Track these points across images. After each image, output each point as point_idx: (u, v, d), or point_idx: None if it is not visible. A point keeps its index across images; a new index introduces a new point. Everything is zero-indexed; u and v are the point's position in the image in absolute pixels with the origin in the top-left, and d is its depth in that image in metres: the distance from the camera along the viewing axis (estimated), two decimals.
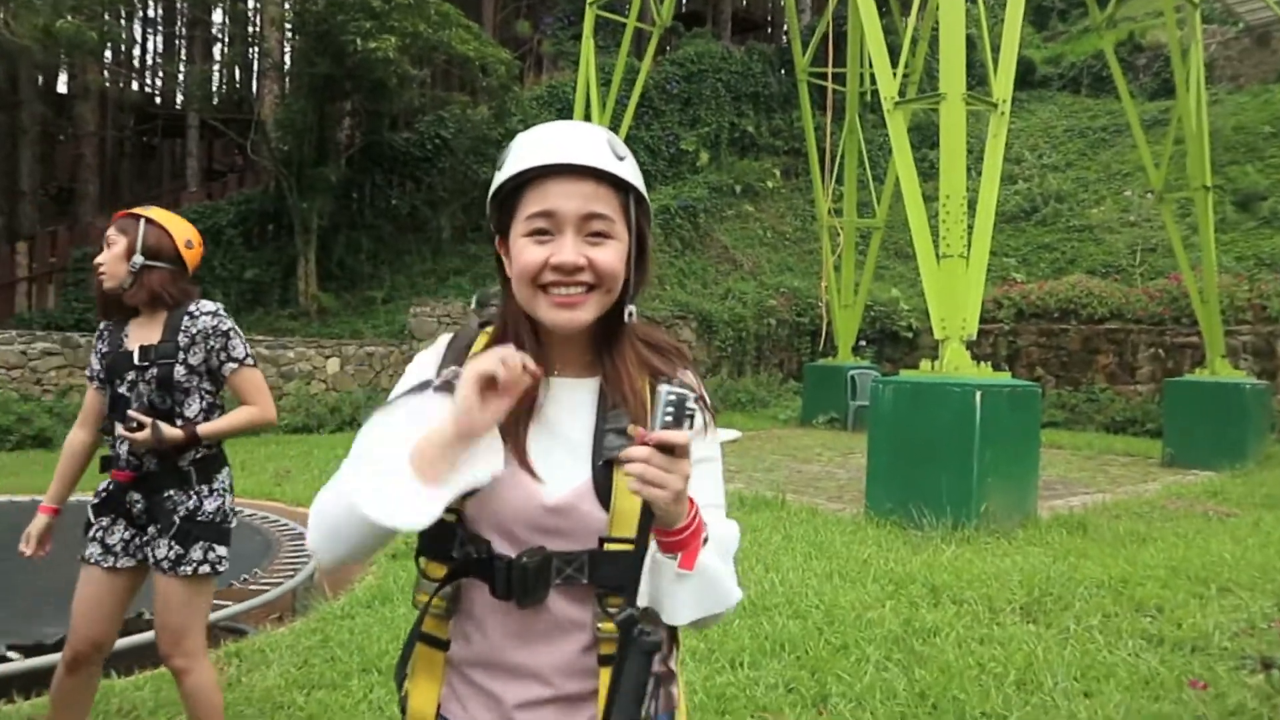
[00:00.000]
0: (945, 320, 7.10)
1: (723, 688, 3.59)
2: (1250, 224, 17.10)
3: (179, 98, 22.45)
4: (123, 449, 2.72)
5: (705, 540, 1.16)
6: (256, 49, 20.29)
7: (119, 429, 2.67)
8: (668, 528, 1.13)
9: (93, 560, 2.72)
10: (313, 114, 15.40)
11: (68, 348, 11.62)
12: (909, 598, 4.84)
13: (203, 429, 2.70)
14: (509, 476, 1.19)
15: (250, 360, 2.78)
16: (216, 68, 23.67)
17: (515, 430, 1.22)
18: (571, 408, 1.25)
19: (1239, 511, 7.63)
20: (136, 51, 24.91)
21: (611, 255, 1.20)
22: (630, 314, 1.26)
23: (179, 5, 23.56)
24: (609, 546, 1.19)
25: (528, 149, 1.21)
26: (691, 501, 1.14)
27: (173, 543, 2.68)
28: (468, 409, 1.09)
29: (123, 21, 18.52)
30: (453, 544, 1.20)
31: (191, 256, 2.84)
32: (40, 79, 20.29)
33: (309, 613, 4.75)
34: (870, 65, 11.39)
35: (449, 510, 1.15)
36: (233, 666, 3.85)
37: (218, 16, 20.32)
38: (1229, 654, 4.04)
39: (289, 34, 17.71)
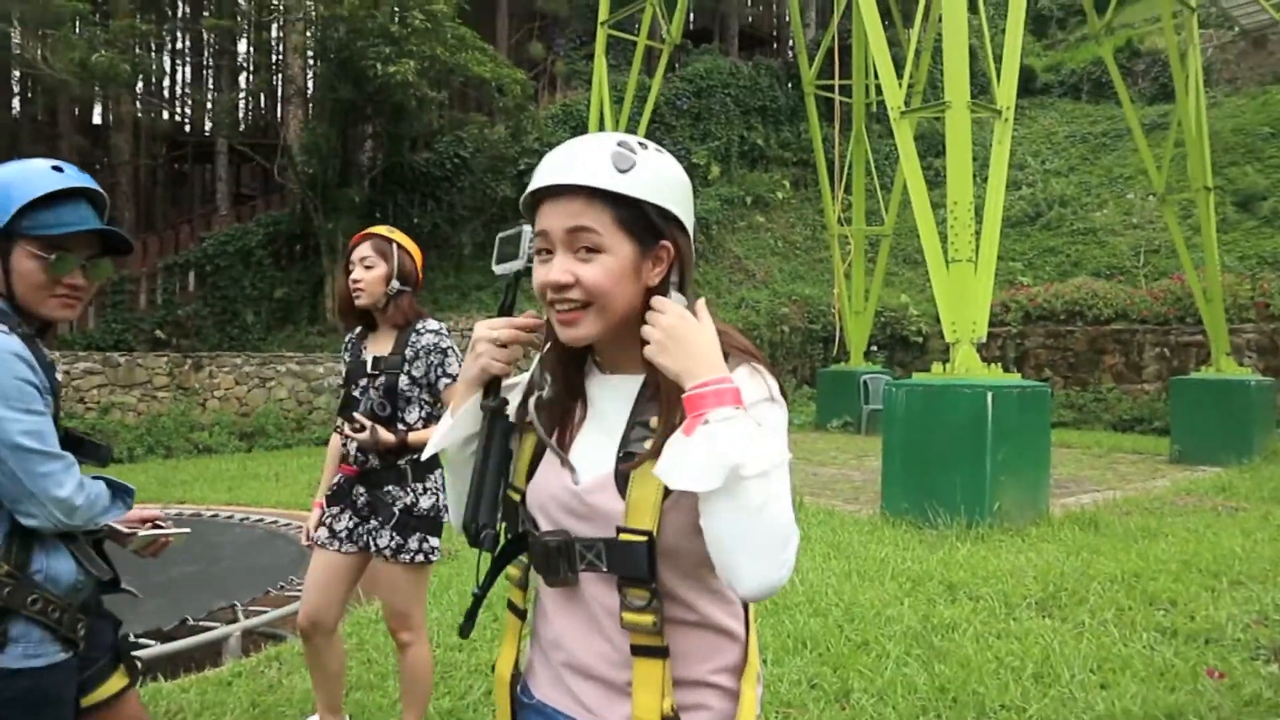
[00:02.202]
0: (955, 323, 7.08)
1: None
2: (1251, 223, 16.96)
3: (208, 125, 22.66)
4: (351, 446, 2.95)
5: (717, 421, 1.08)
6: (281, 76, 20.47)
7: (346, 428, 2.90)
8: (682, 390, 1.12)
9: (320, 543, 2.98)
10: (336, 138, 15.54)
11: (108, 366, 11.76)
12: (926, 595, 4.83)
13: (412, 437, 2.88)
14: (552, 460, 1.25)
15: None
16: (243, 96, 23.88)
17: (567, 419, 1.27)
18: (617, 402, 1.27)
19: (1247, 506, 7.55)
20: (167, 82, 25.18)
21: (597, 271, 1.17)
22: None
23: (206, 37, 23.82)
24: (623, 536, 1.18)
25: (538, 171, 1.22)
26: (713, 393, 1.10)
27: (393, 533, 2.89)
28: (491, 356, 1.27)
29: (153, 54, 18.74)
30: (518, 521, 1.29)
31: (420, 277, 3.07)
32: (77, 111, 20.55)
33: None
34: (875, 77, 11.41)
35: (514, 489, 1.29)
36: (272, 669, 3.88)
37: (243, 46, 20.53)
38: (1243, 645, 4.01)
39: (311, 61, 17.86)
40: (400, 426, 2.90)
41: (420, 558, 2.92)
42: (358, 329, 3.08)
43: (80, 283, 1.86)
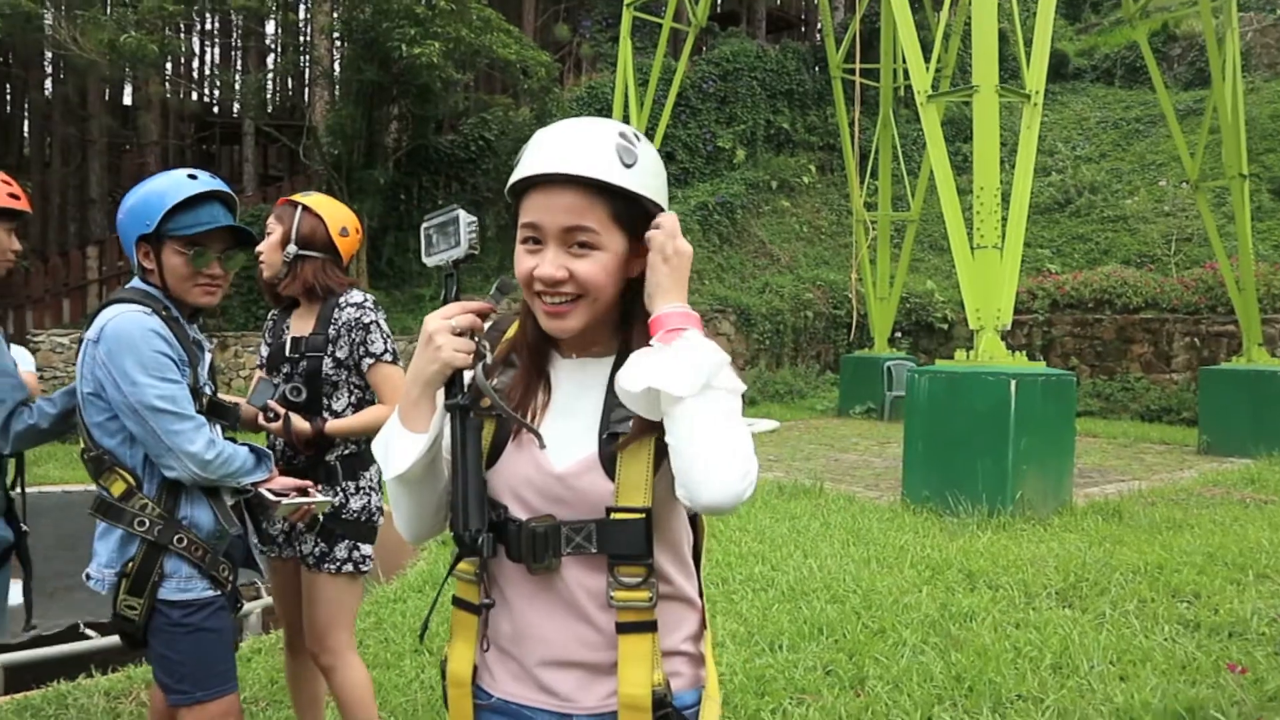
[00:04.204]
0: (980, 311, 7.02)
1: (762, 669, 3.59)
2: None
3: (235, 106, 22.79)
4: (279, 442, 2.62)
5: (696, 337, 1.14)
6: (307, 58, 20.53)
7: (260, 419, 2.57)
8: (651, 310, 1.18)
9: (260, 551, 2.62)
10: (361, 119, 15.57)
11: None
12: (945, 583, 4.81)
13: (330, 426, 2.55)
14: (521, 445, 1.24)
15: (389, 356, 2.61)
16: (270, 77, 23.93)
17: (528, 403, 1.26)
18: (585, 385, 1.27)
19: (1276, 499, 7.44)
20: (195, 63, 25.35)
21: (593, 267, 1.18)
22: None
23: (234, 18, 23.92)
24: (616, 515, 1.19)
25: (530, 153, 1.20)
26: (691, 315, 1.16)
27: (318, 540, 2.59)
28: (454, 348, 1.17)
29: (182, 35, 18.86)
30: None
31: (346, 244, 2.69)
32: (107, 92, 20.73)
33: (364, 597, 4.82)
34: (903, 60, 11.27)
35: None
36: None
37: (270, 27, 20.60)
38: (1267, 639, 3.96)
39: (338, 42, 17.88)
40: (326, 415, 2.57)
41: (349, 568, 2.59)
42: (279, 309, 2.77)
43: (218, 273, 2.19)
